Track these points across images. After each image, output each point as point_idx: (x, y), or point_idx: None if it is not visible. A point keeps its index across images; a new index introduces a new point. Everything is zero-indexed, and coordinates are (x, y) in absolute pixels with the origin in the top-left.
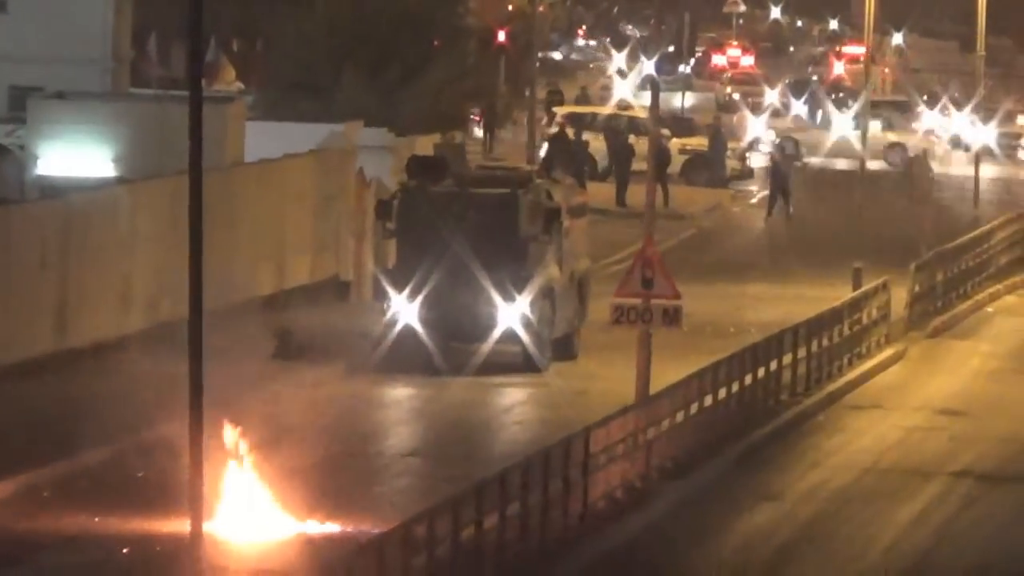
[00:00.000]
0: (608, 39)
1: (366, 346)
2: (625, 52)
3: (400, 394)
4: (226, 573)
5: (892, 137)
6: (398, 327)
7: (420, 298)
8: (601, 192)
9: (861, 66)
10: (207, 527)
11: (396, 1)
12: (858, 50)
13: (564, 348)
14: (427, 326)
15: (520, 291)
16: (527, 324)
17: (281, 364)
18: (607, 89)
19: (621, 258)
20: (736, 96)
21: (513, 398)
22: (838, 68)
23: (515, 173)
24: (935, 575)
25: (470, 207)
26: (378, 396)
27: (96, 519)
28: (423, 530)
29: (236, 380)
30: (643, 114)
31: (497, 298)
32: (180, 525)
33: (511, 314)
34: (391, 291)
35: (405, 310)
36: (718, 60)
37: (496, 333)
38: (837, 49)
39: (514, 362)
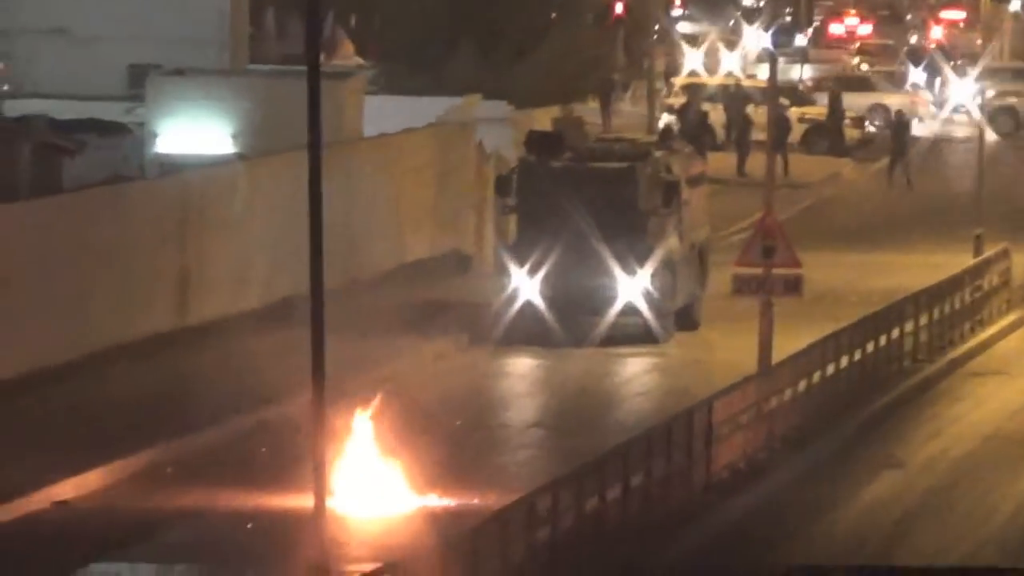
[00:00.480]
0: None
1: (488, 319)
2: (730, 23)
3: (522, 366)
4: (348, 549)
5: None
6: (519, 301)
7: (541, 272)
8: (721, 162)
9: (959, 30)
10: (330, 502)
11: None
12: (957, 15)
13: (685, 318)
14: (548, 300)
15: (641, 264)
16: (648, 296)
17: (402, 338)
18: (715, 60)
19: (741, 228)
20: (865, 67)
21: (634, 369)
22: (936, 33)
23: (634, 146)
24: None
25: (589, 181)
26: (500, 368)
27: (220, 495)
28: (546, 503)
29: (358, 355)
30: (760, 85)
31: (618, 271)
32: (304, 501)
33: (632, 287)
34: (512, 266)
35: (526, 284)
36: (835, 29)
37: (617, 306)
38: (936, 14)
39: (635, 333)
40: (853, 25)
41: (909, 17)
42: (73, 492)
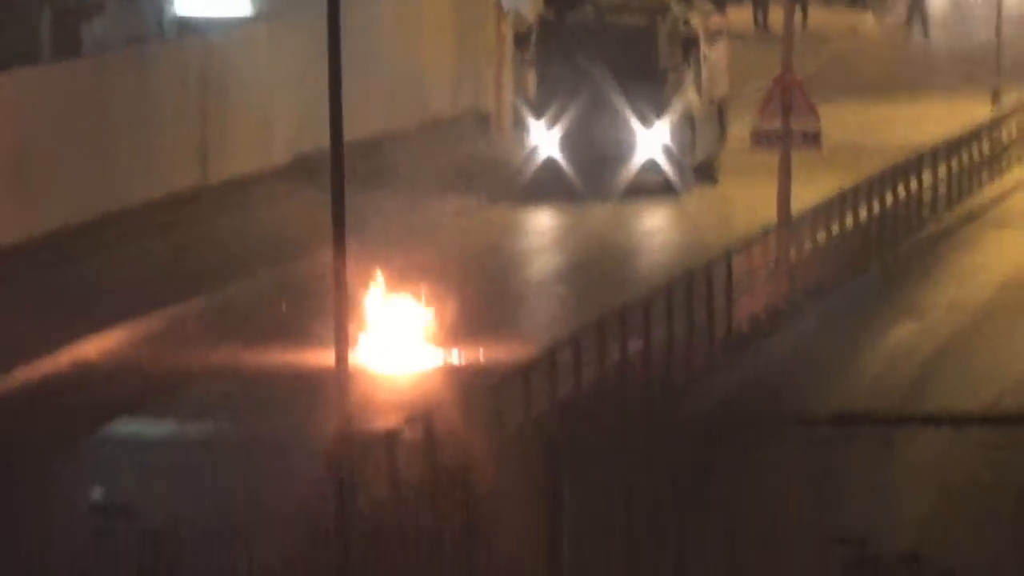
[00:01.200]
0: None
1: (508, 175)
2: None
3: (543, 221)
4: (371, 403)
5: None
6: (540, 156)
7: (561, 127)
8: (740, 15)
9: None
10: (352, 358)
11: None
12: None
13: (705, 172)
14: (568, 154)
15: (660, 118)
16: (667, 150)
17: (425, 192)
18: None
19: (761, 85)
20: None
21: (655, 223)
22: None
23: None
24: None
25: (608, 36)
26: (521, 223)
27: (242, 351)
28: (568, 356)
29: (380, 210)
30: None
31: (637, 125)
32: (326, 357)
33: (651, 141)
34: (531, 120)
35: (546, 139)
36: None
37: (637, 160)
38: None
39: (655, 187)
40: None
41: None
42: (96, 351)
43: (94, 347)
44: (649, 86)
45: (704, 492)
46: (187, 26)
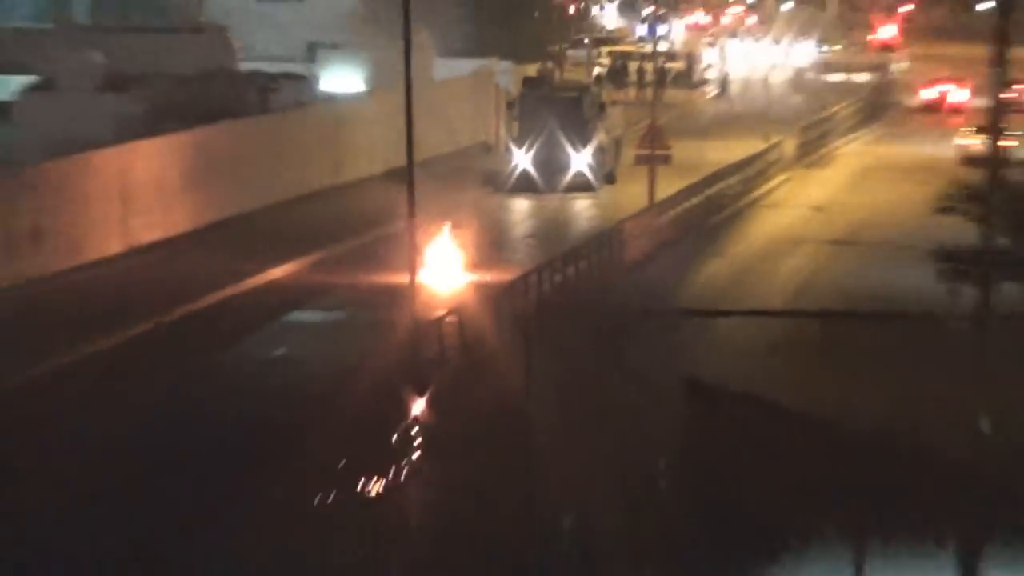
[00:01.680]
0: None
1: (501, 179)
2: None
3: (521, 203)
4: (429, 303)
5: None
6: (519, 168)
7: (531, 152)
8: (631, 93)
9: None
10: (419, 279)
11: None
12: (738, 9)
13: (608, 178)
14: (535, 167)
15: (585, 147)
16: (589, 166)
17: (456, 186)
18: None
19: (639, 129)
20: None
21: (582, 204)
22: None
23: (580, 85)
24: (814, 293)
25: (557, 103)
26: (509, 204)
27: (358, 275)
28: (535, 279)
29: (434, 196)
30: (649, 50)
31: (572, 152)
32: (404, 278)
33: (580, 160)
34: (515, 148)
35: (523, 159)
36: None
37: (572, 170)
38: (724, 11)
39: (582, 185)
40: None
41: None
42: (281, 274)
43: (279, 272)
44: (579, 130)
45: (616, 344)
46: (328, 96)
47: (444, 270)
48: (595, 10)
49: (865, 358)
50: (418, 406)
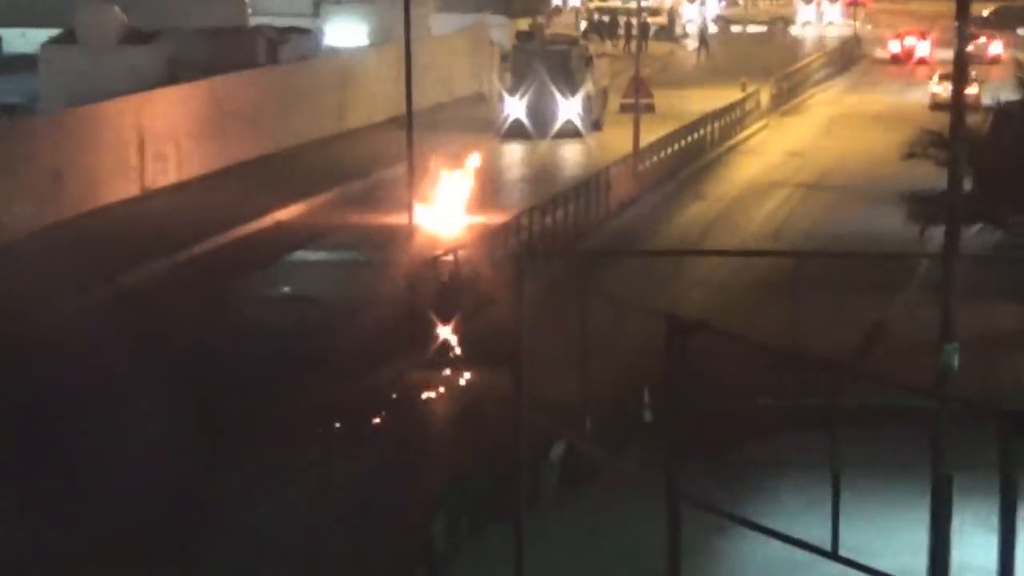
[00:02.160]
0: None
1: (495, 125)
2: None
3: (513, 148)
4: (431, 243)
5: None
6: (511, 116)
7: (523, 101)
8: (617, 47)
9: None
10: (417, 217)
11: None
12: None
13: (595, 125)
14: (526, 115)
15: (573, 96)
16: (577, 114)
17: (456, 133)
18: None
19: (624, 79)
20: None
21: (571, 149)
22: None
23: (570, 38)
24: (788, 233)
25: (547, 56)
26: (502, 149)
27: (363, 216)
28: (525, 219)
29: (435, 142)
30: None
31: (562, 101)
32: (403, 219)
33: (569, 108)
34: (508, 97)
35: (515, 107)
36: None
37: (561, 118)
38: None
39: (571, 131)
40: None
41: None
42: (286, 215)
43: (285, 213)
44: (568, 80)
45: (592, 274)
46: (333, 49)
47: (441, 212)
48: None
49: (834, 294)
50: (422, 332)
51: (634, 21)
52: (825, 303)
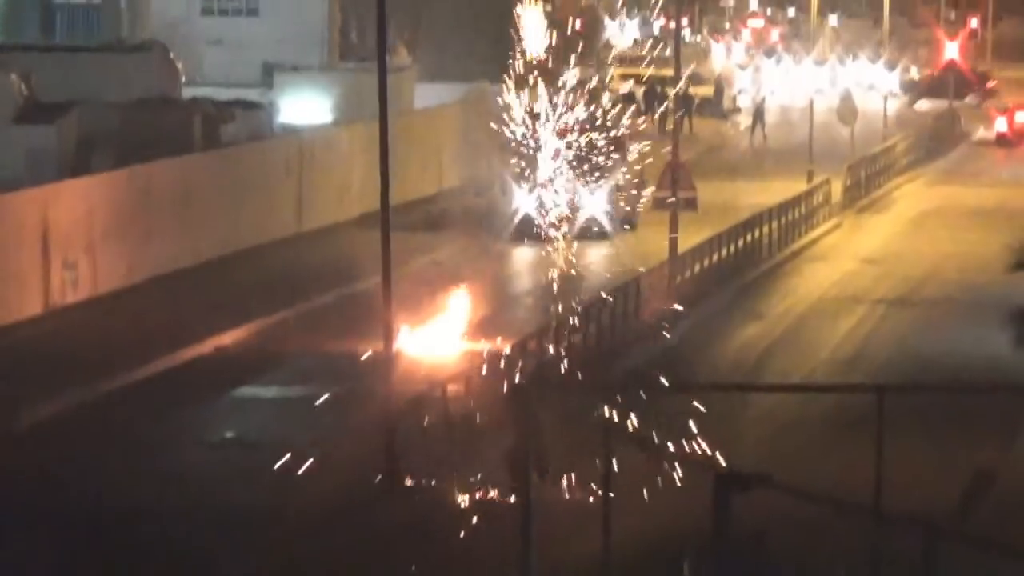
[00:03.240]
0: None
1: (500, 223)
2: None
3: (522, 253)
4: (409, 376)
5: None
6: (521, 212)
7: (535, 192)
8: (648, 124)
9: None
10: (398, 344)
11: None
12: (758, 23)
13: (627, 222)
14: (540, 211)
15: (598, 186)
16: (603, 209)
17: (446, 233)
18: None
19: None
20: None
21: (596, 254)
22: (746, 35)
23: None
24: (868, 360)
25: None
26: (508, 255)
27: (321, 342)
28: (534, 342)
29: (419, 248)
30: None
31: (584, 192)
32: (379, 344)
33: (594, 204)
34: (516, 188)
35: (525, 201)
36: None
37: (584, 215)
38: (744, 23)
39: (596, 232)
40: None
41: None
42: (230, 340)
43: (228, 337)
44: (592, 166)
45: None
46: (289, 127)
47: (427, 335)
48: (612, 26)
49: (927, 436)
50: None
51: (671, 91)
52: (916, 448)
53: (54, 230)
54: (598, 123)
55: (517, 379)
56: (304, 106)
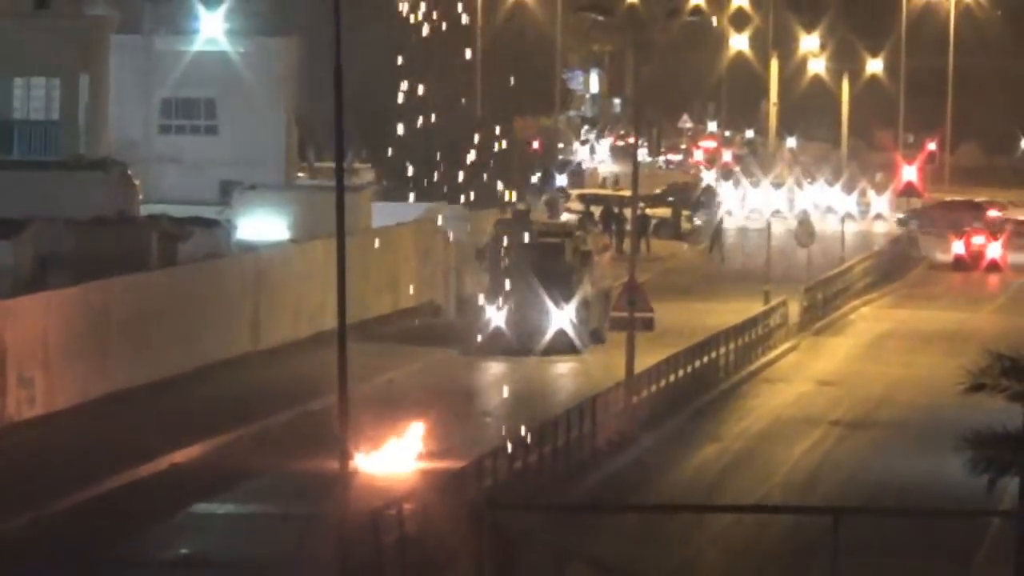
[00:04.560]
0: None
1: (468, 339)
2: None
3: (491, 367)
4: (366, 496)
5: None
6: (491, 326)
7: (504, 307)
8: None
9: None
10: (358, 463)
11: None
12: (710, 144)
13: (595, 336)
14: (509, 325)
15: (567, 303)
16: (572, 323)
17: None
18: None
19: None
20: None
21: (563, 369)
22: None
23: (564, 227)
24: (824, 483)
25: (536, 249)
26: (473, 371)
27: (277, 460)
28: (491, 461)
29: (376, 366)
30: (625, 193)
31: (553, 307)
32: (335, 462)
33: (562, 317)
34: (486, 303)
35: (495, 315)
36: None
37: (553, 329)
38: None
39: (565, 346)
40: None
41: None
42: (184, 458)
43: (182, 455)
44: (561, 281)
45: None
46: (246, 245)
47: (386, 454)
48: (573, 146)
49: (883, 560)
50: None
51: (627, 212)
52: (872, 573)
53: (11, 346)
54: (569, 235)
55: (473, 500)
56: (261, 224)
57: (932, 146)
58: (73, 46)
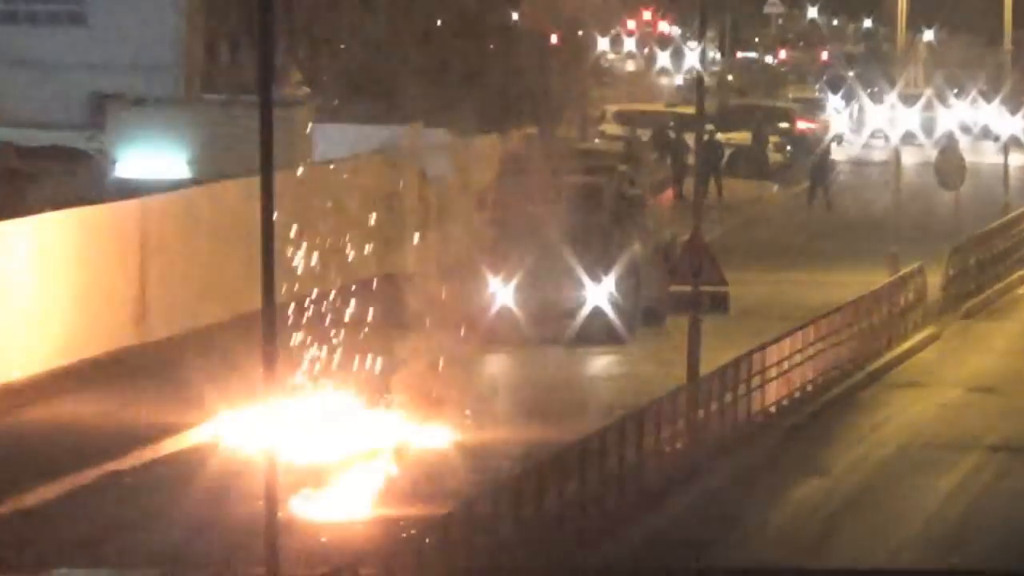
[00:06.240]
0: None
1: (460, 321)
2: (668, 52)
3: (494, 364)
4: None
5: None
6: (496, 305)
7: (517, 280)
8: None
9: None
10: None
11: (452, 6)
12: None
13: (653, 316)
14: (522, 304)
15: (606, 271)
16: (613, 299)
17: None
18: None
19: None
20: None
21: (598, 366)
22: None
23: (601, 159)
24: (978, 534)
25: (561, 194)
26: (477, 366)
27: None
28: (487, 509)
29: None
30: (686, 111)
31: (587, 278)
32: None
33: (598, 292)
34: (489, 273)
35: (502, 291)
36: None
37: (586, 309)
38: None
39: (602, 334)
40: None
41: (829, 47)
42: (37, 500)
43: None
44: (598, 240)
45: None
46: (128, 185)
47: (332, 500)
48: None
49: None
50: None
51: (688, 139)
52: None
53: None
54: (612, 171)
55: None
56: (151, 156)
57: None
58: None
